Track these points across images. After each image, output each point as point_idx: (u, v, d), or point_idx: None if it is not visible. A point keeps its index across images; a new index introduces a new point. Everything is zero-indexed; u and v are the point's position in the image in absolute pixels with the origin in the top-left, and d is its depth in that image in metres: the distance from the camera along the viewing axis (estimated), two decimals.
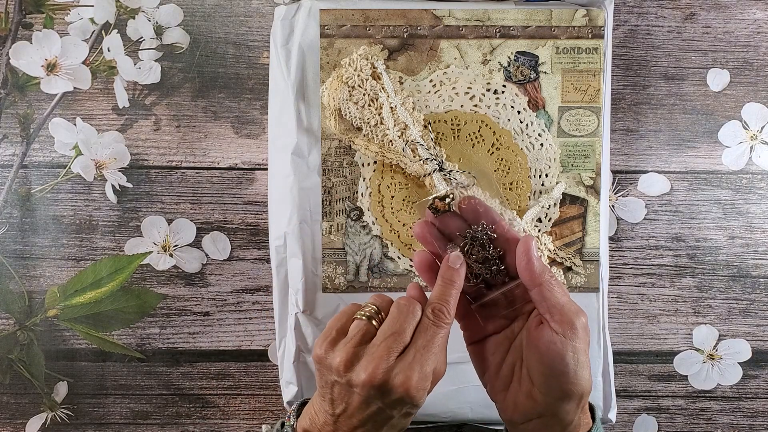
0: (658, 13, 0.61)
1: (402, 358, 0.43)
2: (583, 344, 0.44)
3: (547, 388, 0.44)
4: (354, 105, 0.55)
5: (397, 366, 0.43)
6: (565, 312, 0.44)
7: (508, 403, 0.46)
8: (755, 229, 0.62)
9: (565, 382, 0.43)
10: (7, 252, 0.61)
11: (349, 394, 0.44)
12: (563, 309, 0.44)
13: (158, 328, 0.62)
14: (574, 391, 0.44)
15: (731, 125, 0.61)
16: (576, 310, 0.44)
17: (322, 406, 0.45)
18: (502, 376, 0.47)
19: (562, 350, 0.43)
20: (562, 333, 0.43)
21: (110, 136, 0.61)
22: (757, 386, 0.63)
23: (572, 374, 0.43)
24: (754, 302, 0.62)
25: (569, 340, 0.43)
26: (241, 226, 0.61)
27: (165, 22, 0.60)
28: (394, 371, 0.42)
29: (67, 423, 0.62)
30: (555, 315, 0.44)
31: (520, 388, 0.45)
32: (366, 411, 0.44)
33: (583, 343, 0.44)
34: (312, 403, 0.47)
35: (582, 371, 0.44)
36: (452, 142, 0.56)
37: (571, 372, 0.43)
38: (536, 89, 0.56)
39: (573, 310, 0.44)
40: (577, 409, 0.45)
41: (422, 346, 0.43)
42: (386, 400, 0.43)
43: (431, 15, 0.55)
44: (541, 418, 0.45)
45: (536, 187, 0.57)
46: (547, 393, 0.44)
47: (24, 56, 0.59)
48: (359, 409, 0.44)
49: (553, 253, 0.57)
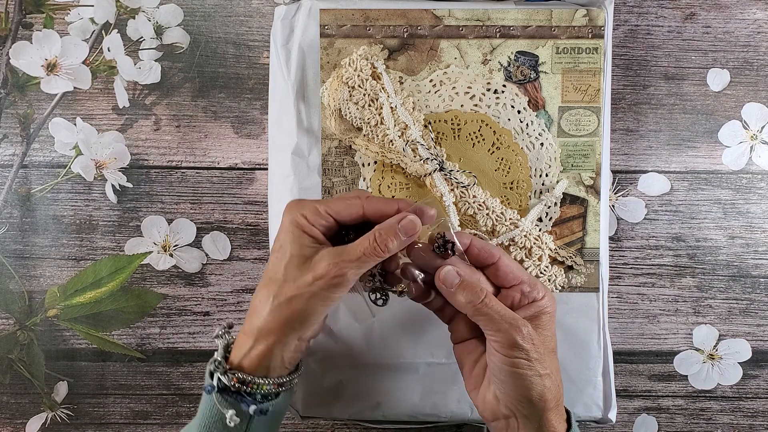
0: (658, 13, 0.61)
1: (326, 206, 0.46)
2: (533, 354, 0.45)
3: (505, 396, 0.46)
4: (354, 105, 0.55)
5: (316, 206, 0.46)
6: (502, 331, 0.45)
7: (479, 400, 0.48)
8: (755, 229, 0.62)
9: (521, 393, 0.45)
10: (7, 252, 0.61)
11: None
12: (500, 328, 0.45)
13: (158, 328, 0.62)
14: (532, 397, 0.45)
15: (731, 125, 0.61)
16: (514, 326, 0.45)
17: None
18: (474, 375, 0.49)
19: (508, 368, 0.45)
20: (500, 351, 0.45)
21: (110, 136, 0.61)
22: (757, 386, 0.63)
23: (524, 386, 0.45)
24: (754, 302, 0.62)
25: (515, 358, 0.45)
26: (241, 226, 0.61)
27: (165, 22, 0.60)
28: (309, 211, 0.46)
29: (67, 423, 0.62)
30: (495, 336, 0.45)
31: (488, 389, 0.47)
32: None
33: (533, 352, 0.45)
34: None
35: (533, 380, 0.45)
36: (452, 141, 0.56)
37: (524, 384, 0.45)
38: (536, 89, 0.56)
39: (511, 326, 0.45)
40: (546, 414, 0.46)
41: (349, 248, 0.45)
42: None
43: (431, 15, 0.55)
44: (508, 419, 0.47)
45: (537, 187, 0.57)
46: (506, 399, 0.46)
47: (24, 56, 0.59)
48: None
49: (554, 252, 0.57)
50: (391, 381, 0.57)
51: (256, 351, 0.46)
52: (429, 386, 0.57)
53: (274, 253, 0.47)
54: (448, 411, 0.57)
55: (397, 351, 0.57)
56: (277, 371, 0.47)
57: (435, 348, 0.57)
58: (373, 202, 0.46)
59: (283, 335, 0.46)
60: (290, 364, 0.48)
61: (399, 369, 0.57)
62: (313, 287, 0.45)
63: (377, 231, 0.45)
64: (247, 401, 0.46)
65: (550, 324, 0.48)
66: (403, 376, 0.57)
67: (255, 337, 0.46)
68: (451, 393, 0.57)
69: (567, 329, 0.57)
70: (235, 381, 0.46)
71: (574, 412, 0.57)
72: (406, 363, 0.57)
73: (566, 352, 0.57)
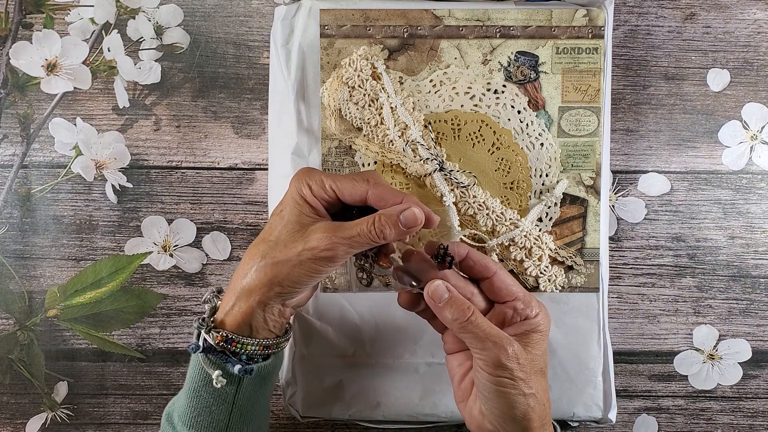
0: (658, 13, 0.61)
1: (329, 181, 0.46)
2: (518, 373, 0.45)
3: (490, 413, 0.46)
4: (354, 105, 0.55)
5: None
6: (487, 350, 0.45)
7: (466, 413, 0.49)
8: (755, 229, 0.62)
9: (504, 411, 0.45)
10: (7, 252, 0.61)
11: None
12: (485, 346, 0.45)
13: (158, 328, 0.62)
14: (515, 416, 0.45)
15: (731, 125, 0.61)
16: (498, 345, 0.45)
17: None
18: (462, 388, 0.49)
19: (492, 386, 0.45)
20: (491, 372, 0.45)
21: (110, 136, 0.61)
22: (757, 386, 0.63)
23: (508, 405, 0.45)
24: (754, 302, 0.62)
25: (498, 377, 0.45)
26: (241, 226, 0.61)
27: (165, 22, 0.60)
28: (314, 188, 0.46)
29: (67, 423, 0.62)
30: (480, 354, 0.45)
31: (475, 403, 0.48)
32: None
33: (518, 371, 0.45)
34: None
35: (517, 399, 0.45)
36: (452, 141, 0.56)
37: (508, 403, 0.45)
38: (536, 89, 0.56)
39: (495, 345, 0.45)
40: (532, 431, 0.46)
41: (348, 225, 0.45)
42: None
43: (431, 15, 0.55)
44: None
45: (537, 187, 0.57)
46: (490, 416, 0.46)
47: (24, 56, 0.59)
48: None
49: (554, 252, 0.57)
50: (391, 381, 0.57)
51: (238, 308, 0.46)
52: (429, 386, 0.57)
53: (274, 215, 0.47)
54: (448, 411, 0.58)
55: (397, 351, 0.57)
56: (261, 333, 0.47)
57: (435, 348, 0.57)
58: (379, 189, 0.46)
59: (264, 296, 0.46)
60: (275, 329, 0.48)
61: (399, 369, 0.57)
62: (302, 256, 0.45)
63: (378, 216, 0.45)
64: (232, 361, 0.46)
65: (541, 343, 0.48)
66: (403, 376, 0.57)
67: (237, 295, 0.46)
68: (451, 393, 0.57)
69: (567, 329, 0.57)
70: (219, 339, 0.46)
71: (574, 412, 0.57)
72: (406, 363, 0.57)
73: (566, 352, 0.57)
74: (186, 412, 0.48)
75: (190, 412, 0.47)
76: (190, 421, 0.47)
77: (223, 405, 0.47)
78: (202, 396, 0.47)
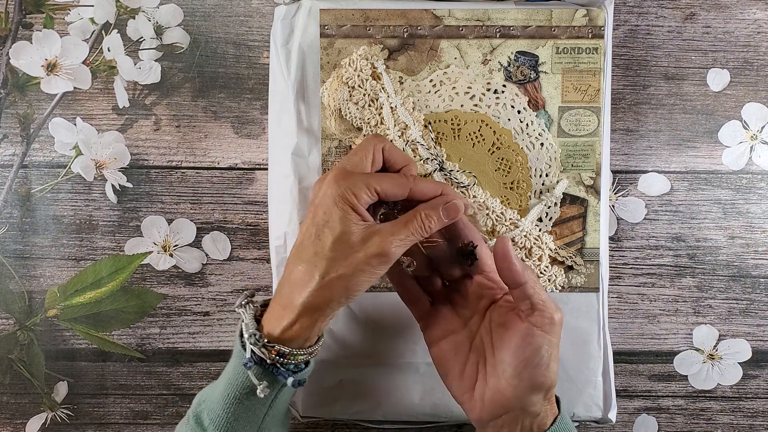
0: (658, 13, 0.61)
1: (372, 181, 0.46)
2: (557, 339, 0.47)
3: (518, 381, 0.46)
4: (354, 105, 0.55)
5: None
6: (547, 307, 0.46)
7: (475, 402, 0.48)
8: (755, 229, 0.62)
9: (538, 374, 0.46)
10: (7, 252, 0.61)
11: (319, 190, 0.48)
12: (545, 304, 0.46)
13: (158, 328, 0.62)
14: (545, 382, 0.46)
15: (731, 125, 0.61)
16: (555, 307, 0.47)
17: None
18: (466, 376, 0.48)
19: (539, 343, 0.46)
20: (541, 327, 0.46)
21: (110, 136, 0.61)
22: (757, 386, 0.63)
23: (545, 366, 0.46)
24: (754, 302, 0.62)
25: (546, 333, 0.46)
26: (241, 226, 0.61)
27: (165, 22, 0.60)
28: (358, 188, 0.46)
29: (67, 423, 0.62)
30: (537, 310, 0.46)
31: (486, 386, 0.47)
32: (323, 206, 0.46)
33: (557, 338, 0.47)
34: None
35: (553, 364, 0.46)
36: (452, 141, 0.56)
37: (544, 364, 0.46)
38: (536, 89, 0.56)
39: (553, 306, 0.47)
40: (545, 401, 0.47)
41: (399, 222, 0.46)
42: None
43: (431, 15, 0.55)
44: (509, 413, 0.46)
45: (537, 187, 0.57)
46: (517, 386, 0.46)
47: (24, 56, 0.59)
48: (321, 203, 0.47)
49: (554, 252, 0.57)
50: (391, 381, 0.57)
51: (299, 326, 0.46)
52: (429, 386, 0.57)
53: (318, 226, 0.46)
54: (448, 411, 0.57)
55: (397, 351, 0.57)
56: (311, 341, 0.47)
57: None
58: (420, 185, 0.48)
59: (330, 310, 0.46)
60: (320, 333, 0.49)
61: (399, 369, 0.57)
62: (365, 265, 0.45)
63: (423, 211, 0.46)
64: (283, 374, 0.46)
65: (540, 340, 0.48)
66: (403, 376, 0.57)
67: (299, 313, 0.46)
68: None
69: (567, 329, 0.57)
70: (274, 353, 0.46)
71: (574, 412, 0.57)
72: (406, 363, 0.57)
73: (566, 352, 0.57)
74: (221, 417, 0.47)
75: (226, 417, 0.47)
76: (224, 427, 0.47)
77: (260, 410, 0.48)
78: (242, 403, 0.47)
